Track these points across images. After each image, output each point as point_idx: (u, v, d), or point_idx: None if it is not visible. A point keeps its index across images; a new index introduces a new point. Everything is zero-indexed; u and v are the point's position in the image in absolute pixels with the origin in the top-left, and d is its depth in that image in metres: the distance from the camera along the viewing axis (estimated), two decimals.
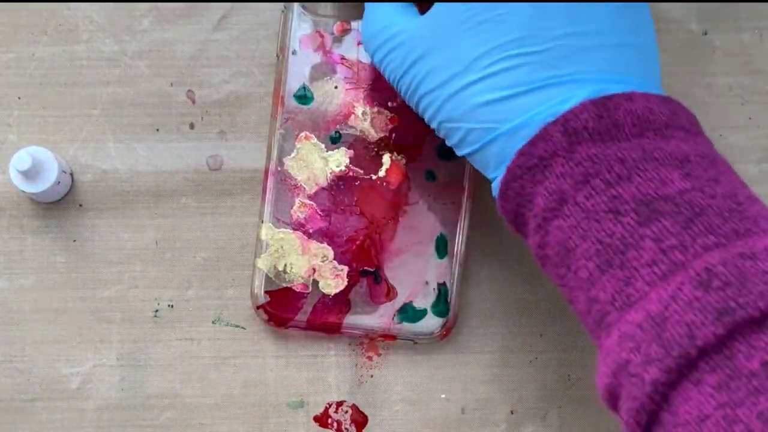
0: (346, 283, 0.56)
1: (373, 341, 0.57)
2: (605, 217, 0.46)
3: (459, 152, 0.50)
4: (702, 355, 0.42)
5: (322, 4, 0.56)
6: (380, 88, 0.56)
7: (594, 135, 0.46)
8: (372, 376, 0.57)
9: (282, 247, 0.56)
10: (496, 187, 0.49)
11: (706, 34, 0.58)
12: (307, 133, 0.56)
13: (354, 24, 0.56)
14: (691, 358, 0.42)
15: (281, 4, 0.56)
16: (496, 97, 0.48)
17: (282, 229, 0.56)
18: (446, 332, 0.56)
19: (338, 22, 0.56)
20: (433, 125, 0.50)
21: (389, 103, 0.56)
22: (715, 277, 0.43)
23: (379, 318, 0.56)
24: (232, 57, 0.57)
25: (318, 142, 0.56)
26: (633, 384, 0.44)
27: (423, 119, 0.51)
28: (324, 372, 0.57)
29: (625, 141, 0.46)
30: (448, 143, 0.51)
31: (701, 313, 0.42)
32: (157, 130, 0.57)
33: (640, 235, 0.45)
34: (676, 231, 0.44)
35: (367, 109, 0.56)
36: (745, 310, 0.42)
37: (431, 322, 0.56)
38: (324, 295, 0.56)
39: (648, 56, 0.50)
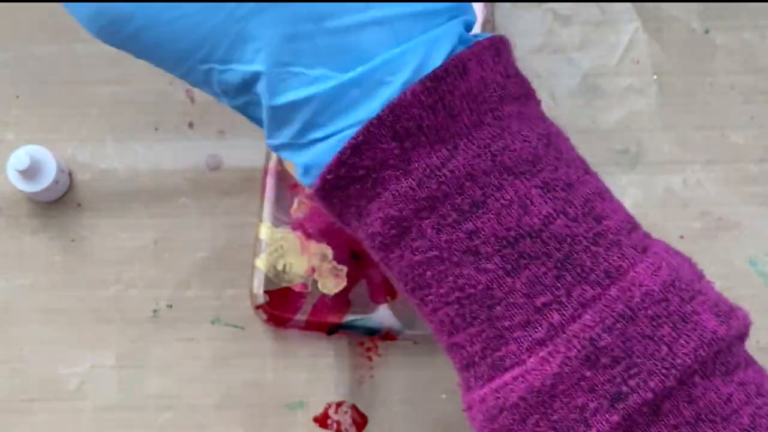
0: (345, 282, 0.56)
1: (373, 341, 0.57)
2: (464, 259, 0.39)
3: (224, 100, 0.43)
4: None
5: None
6: None
7: (430, 134, 0.39)
8: (372, 376, 0.57)
9: (281, 246, 0.55)
10: (304, 166, 0.41)
11: (707, 32, 0.58)
12: None
13: None
14: None
15: None
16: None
17: (281, 229, 0.56)
18: None
19: None
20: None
21: None
22: (601, 353, 0.38)
23: (379, 318, 0.56)
24: None
25: None
26: None
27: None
28: (324, 372, 0.57)
29: (467, 139, 0.39)
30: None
31: (593, 398, 0.39)
32: (156, 129, 0.57)
33: (509, 287, 0.39)
34: (548, 282, 0.39)
35: None
36: (638, 394, 0.38)
37: None
38: (323, 295, 0.56)
39: None
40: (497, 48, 0.40)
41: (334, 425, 0.57)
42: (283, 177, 0.56)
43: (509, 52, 0.41)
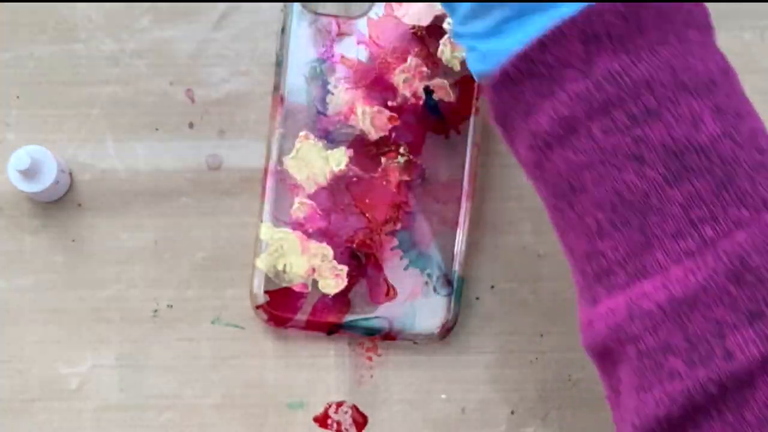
0: (345, 282, 0.56)
1: (373, 341, 0.57)
2: (626, 163, 0.39)
3: None
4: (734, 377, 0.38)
5: (322, 3, 0.56)
6: (380, 88, 0.56)
7: (616, 42, 0.39)
8: (372, 376, 0.57)
9: (281, 246, 0.55)
10: (481, 57, 0.42)
11: None
12: (307, 132, 0.56)
13: (354, 23, 0.56)
14: (722, 380, 0.38)
15: (281, 4, 0.56)
16: None
17: (281, 229, 0.56)
18: (446, 332, 0.56)
19: (338, 22, 0.56)
20: None
21: (389, 103, 0.56)
22: (747, 271, 0.39)
23: (379, 318, 0.56)
24: (231, 56, 0.57)
25: (318, 142, 0.56)
26: (646, 373, 0.40)
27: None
28: (324, 372, 0.57)
29: (650, 52, 0.40)
30: None
31: (732, 313, 0.39)
32: (157, 129, 0.57)
33: (667, 197, 0.39)
34: (708, 198, 0.39)
35: (367, 108, 0.56)
36: None
37: (431, 322, 0.56)
38: (324, 295, 0.56)
39: None
40: None
41: (334, 425, 0.57)
42: (283, 177, 0.56)
43: None
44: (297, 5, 0.56)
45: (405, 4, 0.56)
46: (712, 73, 0.41)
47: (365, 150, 0.56)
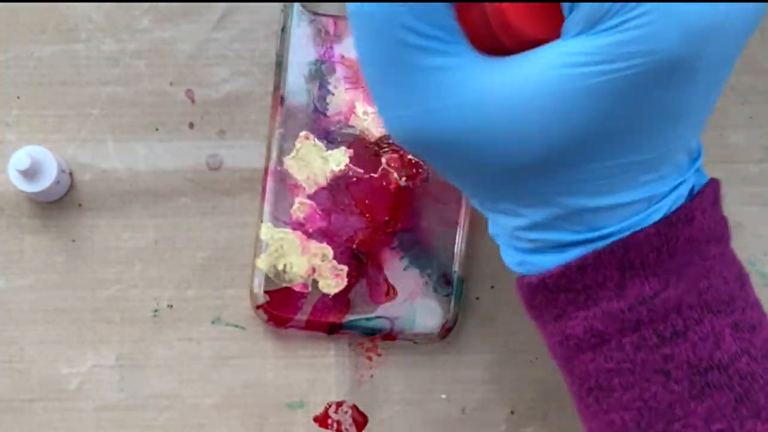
0: (345, 282, 0.56)
1: (373, 341, 0.57)
2: (654, 377, 0.42)
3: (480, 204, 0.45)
4: None
5: (322, 3, 0.56)
6: None
7: (648, 269, 0.42)
8: (372, 376, 0.57)
9: (282, 246, 0.55)
10: (522, 256, 0.44)
11: None
12: (307, 132, 0.56)
13: None
14: None
15: (281, 4, 0.56)
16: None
17: (281, 229, 0.56)
18: (446, 332, 0.56)
19: (338, 22, 0.56)
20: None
21: None
22: None
23: (379, 318, 0.56)
24: (231, 56, 0.57)
25: (318, 142, 0.56)
26: None
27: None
28: (324, 372, 0.57)
29: (677, 276, 0.42)
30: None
31: None
32: (157, 129, 0.57)
33: (690, 410, 0.42)
34: (727, 413, 0.42)
35: (367, 108, 0.56)
36: None
37: (431, 322, 0.56)
38: (324, 295, 0.56)
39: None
40: (716, 195, 0.44)
41: (334, 425, 0.57)
42: (283, 177, 0.56)
43: (721, 196, 0.45)
44: (297, 5, 0.56)
45: None
46: (730, 288, 0.43)
47: (365, 150, 0.56)
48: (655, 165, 0.41)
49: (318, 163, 0.56)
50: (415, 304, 0.56)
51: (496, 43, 0.41)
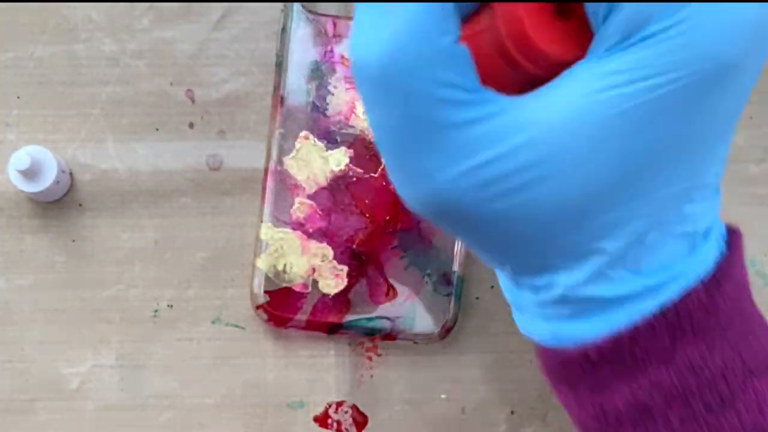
0: (345, 282, 0.56)
1: (373, 341, 0.57)
2: None
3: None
4: None
5: (322, 3, 0.56)
6: None
7: (696, 333, 0.39)
8: (372, 376, 0.57)
9: (281, 246, 0.55)
10: (550, 328, 0.41)
11: None
12: (307, 132, 0.56)
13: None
14: None
15: (281, 4, 0.56)
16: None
17: (281, 229, 0.56)
18: (446, 332, 0.56)
19: (338, 22, 0.56)
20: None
21: None
22: None
23: (379, 318, 0.56)
24: (231, 56, 0.57)
25: (318, 142, 0.56)
26: None
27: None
28: (324, 372, 0.57)
29: (721, 337, 0.39)
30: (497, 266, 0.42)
31: None
32: (157, 129, 0.57)
33: None
34: None
35: None
36: None
37: (431, 322, 0.56)
38: (324, 295, 0.56)
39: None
40: (742, 245, 0.42)
41: (334, 425, 0.57)
42: (283, 177, 0.56)
43: (741, 244, 0.42)
44: (297, 5, 0.56)
45: None
46: (764, 348, 0.40)
47: (365, 150, 0.56)
48: (695, 191, 0.38)
49: (318, 163, 0.56)
50: (415, 304, 0.56)
51: (514, 70, 0.37)
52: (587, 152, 0.36)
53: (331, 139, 0.56)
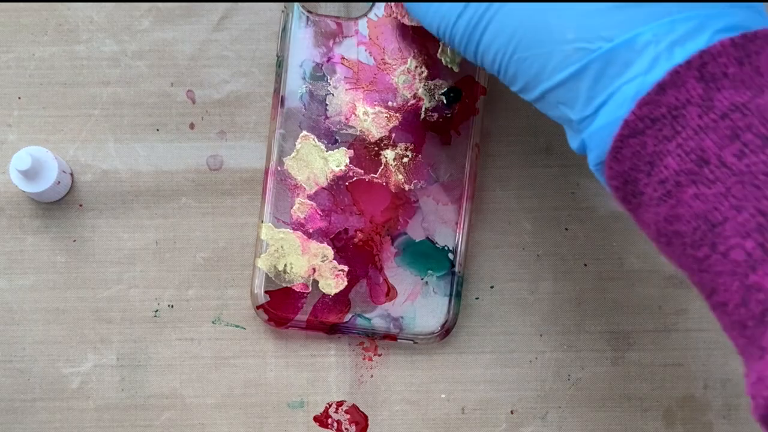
0: (346, 283, 0.56)
1: (373, 341, 0.57)
2: (766, 181, 0.37)
3: (532, 94, 0.43)
4: None
5: (322, 4, 0.56)
6: (380, 89, 0.56)
7: (736, 82, 0.39)
8: (372, 376, 0.57)
9: (282, 247, 0.56)
10: (591, 138, 0.42)
11: None
12: (307, 132, 0.56)
13: (354, 24, 0.56)
14: None
15: (281, 4, 0.56)
16: (590, 8, 0.40)
17: (282, 229, 0.56)
18: (446, 332, 0.56)
19: (338, 22, 0.56)
20: (499, 65, 0.43)
21: (389, 103, 0.56)
22: None
23: (379, 318, 0.56)
24: (232, 57, 0.57)
25: (318, 142, 0.56)
26: None
27: (479, 66, 0.45)
28: (324, 372, 0.57)
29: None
30: (515, 86, 0.44)
31: None
32: (158, 130, 0.57)
33: None
34: None
35: (367, 109, 0.56)
36: None
37: (431, 322, 0.56)
38: (324, 295, 0.56)
39: None
40: None
41: (334, 425, 0.57)
42: (283, 178, 0.56)
43: None
44: (297, 6, 0.56)
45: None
46: None
47: (365, 150, 0.56)
48: None
49: (318, 164, 0.56)
50: (415, 305, 0.56)
51: None
52: None
53: (331, 140, 0.56)
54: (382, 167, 0.56)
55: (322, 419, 0.57)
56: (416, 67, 0.56)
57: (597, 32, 0.41)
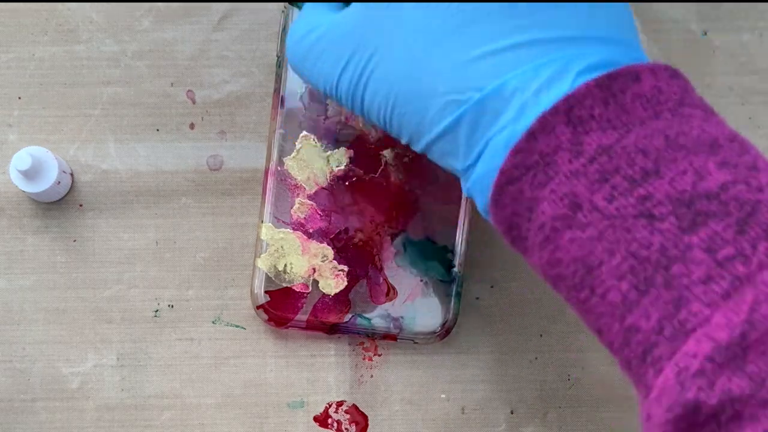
0: (346, 283, 0.56)
1: (373, 341, 0.57)
2: (636, 223, 0.38)
3: (418, 146, 0.44)
4: None
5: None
6: None
7: (603, 123, 0.39)
8: (372, 376, 0.57)
9: (282, 246, 0.56)
10: (474, 187, 0.43)
11: (705, 34, 0.58)
12: (307, 133, 0.56)
13: None
14: None
15: (281, 4, 0.56)
16: (458, 59, 0.41)
17: (282, 229, 0.56)
18: (446, 332, 0.56)
19: None
20: (384, 120, 0.45)
21: None
22: None
23: (379, 318, 0.56)
24: (232, 57, 0.57)
25: (318, 142, 0.56)
26: None
27: (373, 124, 0.46)
28: (324, 372, 0.57)
29: (641, 127, 0.39)
30: (403, 140, 0.45)
31: None
32: (158, 130, 0.57)
33: (686, 244, 0.37)
34: (729, 237, 0.37)
35: None
36: None
37: (431, 322, 0.56)
38: (324, 295, 0.56)
39: (623, 14, 0.43)
40: (674, 71, 0.42)
41: (335, 425, 0.57)
42: (283, 177, 0.56)
43: (687, 80, 0.42)
44: (297, 7, 0.56)
45: None
46: (714, 137, 0.40)
47: (366, 150, 0.56)
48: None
49: (318, 164, 0.56)
50: (415, 304, 0.56)
51: None
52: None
53: (331, 140, 0.56)
54: (382, 167, 0.56)
55: (322, 419, 0.57)
56: None
57: (467, 83, 0.41)
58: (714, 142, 0.40)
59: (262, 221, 0.56)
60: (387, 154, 0.56)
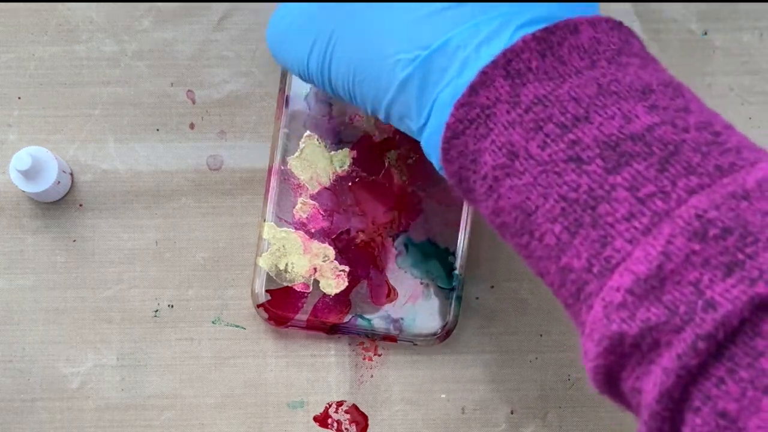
0: (346, 283, 0.56)
1: (373, 341, 0.57)
2: (566, 168, 0.40)
3: (381, 114, 0.46)
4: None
5: None
6: None
7: (540, 74, 0.41)
8: (372, 376, 0.57)
9: (283, 246, 0.56)
10: (427, 144, 0.45)
11: (706, 34, 0.58)
12: (311, 132, 0.56)
13: None
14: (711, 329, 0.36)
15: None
16: (405, 20, 0.43)
17: (284, 229, 0.56)
18: (446, 335, 0.56)
19: None
20: (349, 93, 0.46)
21: None
22: (710, 225, 0.37)
23: (379, 319, 0.56)
24: (232, 57, 0.57)
25: (322, 142, 0.56)
26: (642, 362, 0.38)
27: (343, 100, 0.48)
28: (324, 372, 0.57)
29: (576, 76, 0.41)
30: (368, 109, 0.46)
31: (706, 270, 0.37)
32: (158, 130, 0.57)
33: (610, 184, 0.39)
34: (651, 175, 0.39)
35: None
36: (755, 261, 0.36)
37: (432, 324, 0.56)
38: (325, 295, 0.56)
39: None
40: (617, 23, 0.43)
41: (335, 425, 0.57)
42: (286, 177, 0.56)
43: (631, 31, 0.44)
44: None
45: None
46: (647, 83, 0.41)
47: (369, 151, 0.56)
48: None
49: (322, 164, 0.56)
50: (415, 306, 0.56)
51: None
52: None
53: (335, 140, 0.56)
54: (385, 168, 0.56)
55: (322, 419, 0.57)
56: None
57: (414, 42, 0.43)
58: (646, 87, 0.41)
59: (265, 220, 0.56)
60: (390, 155, 0.56)
